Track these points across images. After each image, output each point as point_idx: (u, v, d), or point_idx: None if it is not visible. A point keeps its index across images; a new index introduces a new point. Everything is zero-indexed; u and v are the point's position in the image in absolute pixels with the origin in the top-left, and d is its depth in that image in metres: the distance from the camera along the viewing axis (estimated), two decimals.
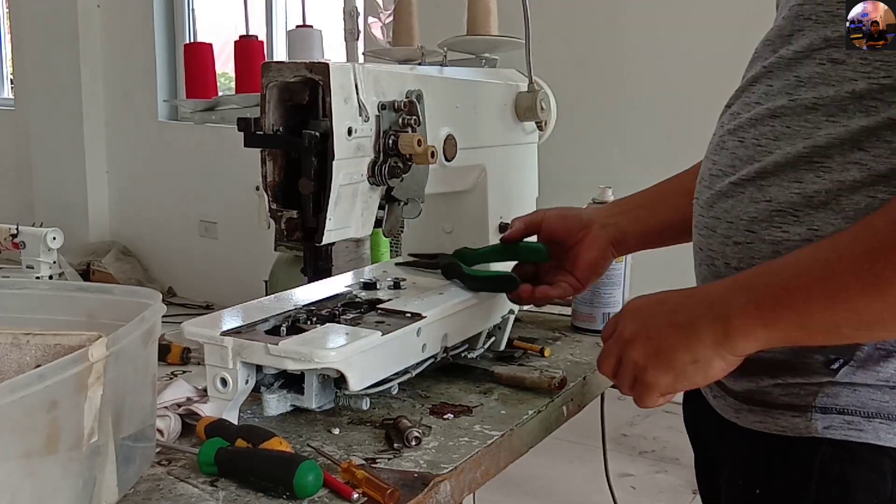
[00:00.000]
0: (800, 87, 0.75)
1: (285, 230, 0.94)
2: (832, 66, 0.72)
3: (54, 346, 0.74)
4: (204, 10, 5.04)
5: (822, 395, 0.73)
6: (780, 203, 0.74)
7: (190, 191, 4.93)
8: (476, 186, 1.21)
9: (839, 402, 0.73)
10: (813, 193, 0.72)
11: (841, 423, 0.73)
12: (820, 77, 0.73)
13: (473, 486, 0.89)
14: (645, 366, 0.76)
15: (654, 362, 0.75)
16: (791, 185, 0.73)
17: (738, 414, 0.80)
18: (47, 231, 2.78)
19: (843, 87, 0.71)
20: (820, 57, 0.73)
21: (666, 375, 0.75)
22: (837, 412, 0.73)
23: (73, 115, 5.12)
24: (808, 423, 0.74)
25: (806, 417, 0.74)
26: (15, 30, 5.47)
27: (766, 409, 0.77)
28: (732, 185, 0.78)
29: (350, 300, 1.11)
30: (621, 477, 2.86)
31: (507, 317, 1.20)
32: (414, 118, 0.99)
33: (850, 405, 0.72)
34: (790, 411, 0.75)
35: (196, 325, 0.95)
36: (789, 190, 0.74)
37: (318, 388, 0.96)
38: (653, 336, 0.76)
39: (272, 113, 0.92)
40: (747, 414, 0.78)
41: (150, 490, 0.80)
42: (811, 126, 0.73)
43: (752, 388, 0.78)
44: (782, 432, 0.75)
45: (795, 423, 0.75)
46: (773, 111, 0.77)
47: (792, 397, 0.75)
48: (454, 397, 1.05)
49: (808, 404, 0.74)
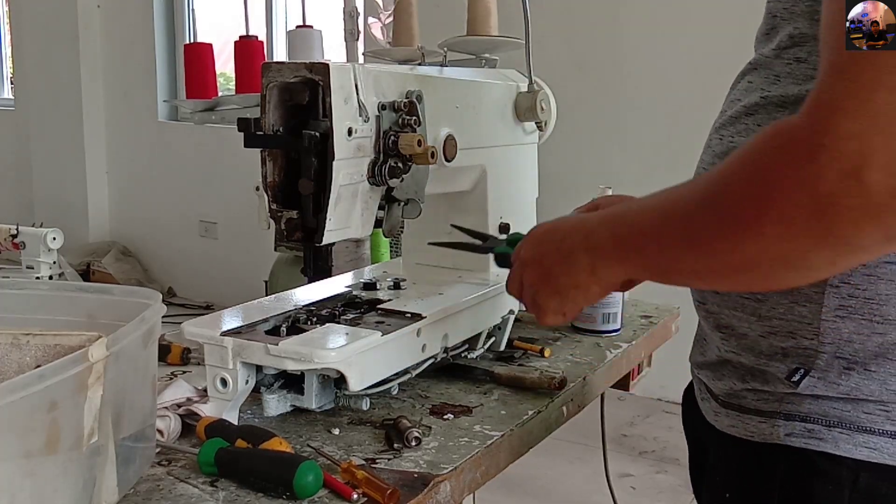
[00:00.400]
0: (773, 85, 0.75)
1: (285, 230, 0.94)
2: (797, 64, 0.73)
3: (54, 347, 0.74)
4: (204, 10, 5.04)
5: (786, 402, 0.74)
6: None
7: (190, 191, 4.93)
8: (476, 186, 1.21)
9: (802, 409, 0.73)
10: None
11: (801, 431, 0.73)
12: (788, 75, 0.74)
13: (473, 487, 0.89)
14: (537, 289, 0.81)
15: (544, 285, 0.80)
16: None
17: (717, 417, 0.81)
18: (47, 231, 2.78)
19: (806, 86, 0.71)
20: (787, 56, 0.74)
21: (553, 298, 0.80)
22: (800, 419, 0.73)
23: (73, 115, 5.12)
24: (773, 430, 0.74)
25: (770, 423, 0.75)
26: (15, 30, 5.47)
27: (739, 413, 0.78)
28: None
29: (350, 300, 1.11)
30: (621, 477, 2.86)
31: (507, 317, 1.20)
32: (414, 118, 0.99)
33: (812, 413, 0.73)
34: (758, 416, 0.76)
35: (196, 326, 0.96)
36: None
37: (318, 388, 0.96)
38: (544, 262, 0.80)
39: (272, 113, 0.92)
40: (724, 417, 0.79)
41: (150, 490, 0.80)
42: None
43: (729, 391, 0.79)
44: (750, 437, 0.76)
45: (762, 429, 0.75)
46: (748, 108, 0.77)
47: (761, 402, 0.76)
48: (454, 397, 1.05)
49: (774, 410, 0.75)
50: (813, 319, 0.71)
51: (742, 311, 0.76)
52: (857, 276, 0.69)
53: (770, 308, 0.74)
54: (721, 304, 0.78)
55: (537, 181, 1.34)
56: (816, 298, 0.71)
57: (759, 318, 0.75)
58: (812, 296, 0.71)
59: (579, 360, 1.20)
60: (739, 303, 0.76)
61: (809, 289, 0.71)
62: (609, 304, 1.30)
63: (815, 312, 0.71)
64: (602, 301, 1.29)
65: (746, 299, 0.75)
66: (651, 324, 1.40)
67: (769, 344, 0.75)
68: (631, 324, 1.38)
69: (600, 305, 1.29)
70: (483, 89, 1.20)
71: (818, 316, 0.71)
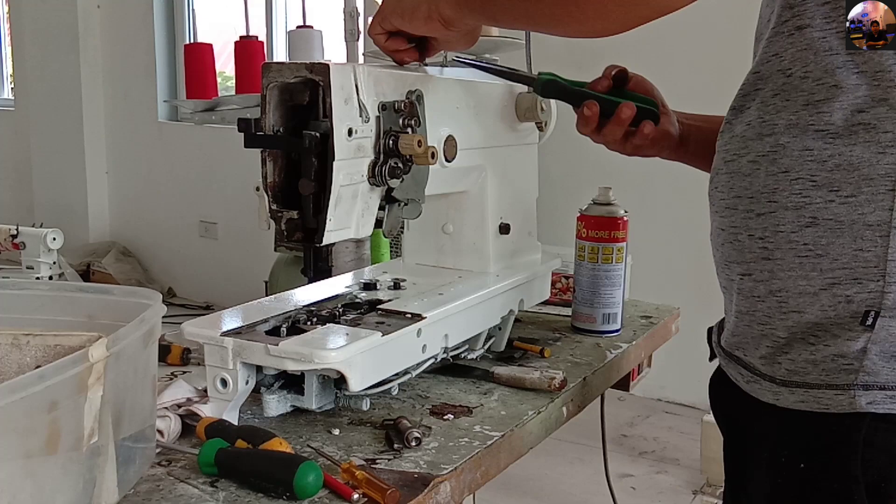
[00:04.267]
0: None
1: (285, 231, 0.94)
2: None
3: (54, 347, 0.74)
4: (204, 10, 5.04)
5: (862, 374, 0.76)
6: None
7: (190, 191, 4.93)
8: (476, 187, 1.21)
9: (879, 379, 0.76)
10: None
11: (883, 398, 0.76)
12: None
13: (473, 487, 0.89)
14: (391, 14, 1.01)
15: (399, 11, 1.00)
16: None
17: (778, 396, 0.82)
18: (47, 231, 2.79)
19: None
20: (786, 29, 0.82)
21: (401, 17, 1.01)
22: (879, 388, 0.76)
23: (73, 115, 5.12)
24: (852, 400, 0.76)
25: (849, 395, 0.77)
26: (15, 30, 5.47)
27: (806, 390, 0.79)
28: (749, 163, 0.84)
29: (350, 301, 1.11)
30: (621, 477, 2.86)
31: (507, 317, 1.20)
32: (414, 119, 0.99)
33: (889, 381, 0.76)
34: (832, 390, 0.78)
35: (196, 326, 0.95)
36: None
37: (319, 388, 0.96)
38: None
39: (272, 113, 0.92)
40: (787, 395, 0.81)
41: (150, 491, 0.80)
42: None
43: (791, 370, 0.80)
44: (825, 409, 0.78)
45: (839, 401, 0.77)
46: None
47: (832, 377, 0.78)
48: (454, 398, 1.05)
49: (850, 383, 0.77)
50: (879, 262, 0.75)
51: (800, 269, 0.79)
52: None
53: (832, 260, 0.77)
54: (774, 268, 0.81)
55: (537, 181, 1.34)
56: (882, 242, 0.75)
57: (821, 272, 0.78)
58: (877, 240, 0.75)
59: (579, 361, 1.20)
60: (797, 262, 0.79)
61: (874, 233, 0.75)
62: (609, 304, 1.30)
63: (881, 255, 0.75)
64: (602, 301, 1.29)
65: (805, 257, 0.78)
66: (651, 324, 1.40)
67: (832, 294, 0.77)
68: (631, 324, 1.38)
69: (600, 305, 1.29)
70: (483, 89, 1.20)
71: (884, 258, 0.75)
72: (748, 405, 0.86)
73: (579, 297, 1.31)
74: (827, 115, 0.77)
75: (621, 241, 1.29)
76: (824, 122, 0.77)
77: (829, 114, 0.77)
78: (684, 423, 3.30)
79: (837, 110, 0.76)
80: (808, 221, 0.78)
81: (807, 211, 0.78)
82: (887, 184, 0.74)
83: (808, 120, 0.78)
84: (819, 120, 0.78)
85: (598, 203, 1.31)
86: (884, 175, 0.74)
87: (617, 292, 1.30)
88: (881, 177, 0.74)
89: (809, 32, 0.78)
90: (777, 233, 0.80)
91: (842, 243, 0.76)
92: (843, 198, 0.76)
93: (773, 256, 0.81)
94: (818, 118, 0.78)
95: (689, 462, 2.98)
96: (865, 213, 0.75)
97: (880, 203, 0.74)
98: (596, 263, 1.28)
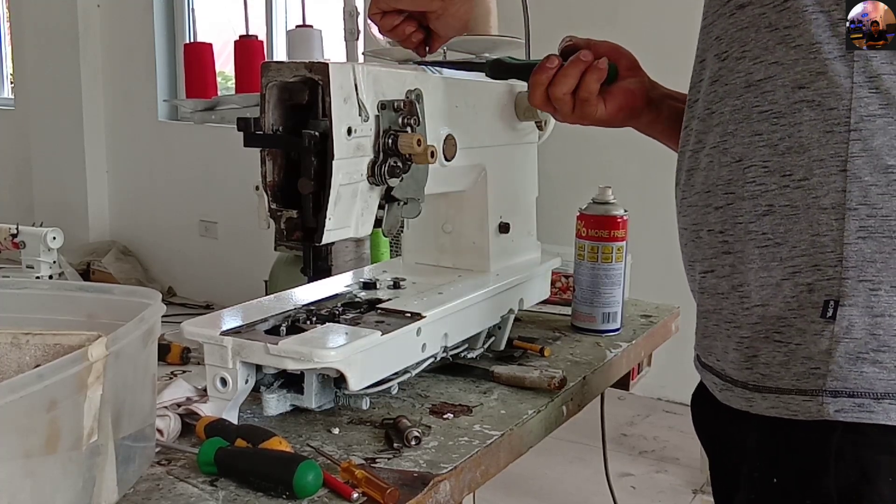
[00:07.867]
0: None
1: (285, 230, 0.94)
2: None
3: (54, 346, 0.74)
4: (204, 10, 5.04)
5: (830, 378, 0.74)
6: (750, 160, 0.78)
7: (190, 191, 4.93)
8: (476, 186, 1.21)
9: (847, 385, 0.74)
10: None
11: (852, 406, 0.74)
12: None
13: (473, 486, 0.89)
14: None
15: None
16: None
17: (751, 403, 0.80)
18: (47, 231, 2.79)
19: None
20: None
21: None
22: (847, 395, 0.74)
23: (73, 115, 5.13)
24: (820, 407, 0.75)
25: (817, 402, 0.75)
26: (15, 30, 5.47)
27: (778, 395, 0.78)
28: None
29: (350, 300, 1.11)
30: (621, 477, 2.86)
31: (507, 316, 1.20)
32: (414, 118, 0.99)
33: (858, 388, 0.73)
34: (801, 396, 0.76)
35: (196, 325, 0.96)
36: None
37: (318, 387, 0.96)
38: None
39: (272, 113, 0.92)
40: (760, 401, 0.79)
41: (149, 490, 0.80)
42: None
43: (763, 374, 0.79)
44: (794, 416, 0.76)
45: (807, 407, 0.75)
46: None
47: (801, 382, 0.76)
48: (454, 397, 1.05)
49: (819, 388, 0.75)
50: (835, 247, 0.73)
51: (760, 260, 0.77)
52: (872, 195, 0.71)
53: (791, 247, 0.75)
54: (735, 262, 0.79)
55: (537, 181, 1.34)
56: (837, 225, 0.73)
57: (781, 261, 0.76)
58: (832, 223, 0.73)
59: (579, 360, 1.20)
60: (757, 253, 0.77)
61: (829, 217, 0.73)
62: (609, 303, 1.30)
63: (836, 240, 0.73)
64: (602, 301, 1.29)
65: (765, 246, 0.77)
66: (651, 323, 1.40)
67: (793, 284, 0.76)
68: (631, 323, 1.38)
69: (600, 305, 1.29)
70: (483, 89, 1.20)
71: (840, 241, 0.73)
72: (724, 417, 0.84)
73: (579, 296, 1.31)
74: (770, 93, 0.75)
75: (621, 240, 1.29)
76: (768, 102, 0.75)
77: (771, 92, 0.75)
78: (684, 423, 3.29)
79: (780, 88, 0.75)
80: (765, 210, 0.76)
81: (763, 199, 0.76)
82: (838, 164, 0.72)
83: (753, 102, 0.77)
84: (763, 100, 0.76)
85: (597, 202, 1.31)
86: (833, 155, 0.72)
87: (617, 291, 1.30)
88: (831, 157, 0.72)
89: (751, 10, 0.77)
90: (735, 224, 0.79)
91: (799, 229, 0.74)
92: (797, 182, 0.74)
93: (733, 250, 0.79)
94: (762, 98, 0.76)
95: (688, 461, 2.98)
96: (819, 196, 0.73)
97: (833, 185, 0.72)
98: (596, 262, 1.28)
